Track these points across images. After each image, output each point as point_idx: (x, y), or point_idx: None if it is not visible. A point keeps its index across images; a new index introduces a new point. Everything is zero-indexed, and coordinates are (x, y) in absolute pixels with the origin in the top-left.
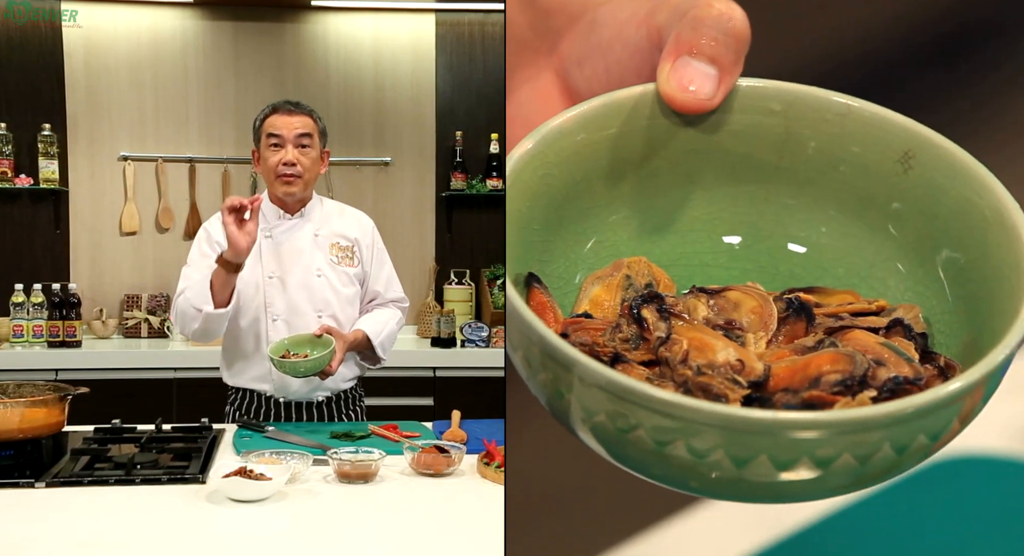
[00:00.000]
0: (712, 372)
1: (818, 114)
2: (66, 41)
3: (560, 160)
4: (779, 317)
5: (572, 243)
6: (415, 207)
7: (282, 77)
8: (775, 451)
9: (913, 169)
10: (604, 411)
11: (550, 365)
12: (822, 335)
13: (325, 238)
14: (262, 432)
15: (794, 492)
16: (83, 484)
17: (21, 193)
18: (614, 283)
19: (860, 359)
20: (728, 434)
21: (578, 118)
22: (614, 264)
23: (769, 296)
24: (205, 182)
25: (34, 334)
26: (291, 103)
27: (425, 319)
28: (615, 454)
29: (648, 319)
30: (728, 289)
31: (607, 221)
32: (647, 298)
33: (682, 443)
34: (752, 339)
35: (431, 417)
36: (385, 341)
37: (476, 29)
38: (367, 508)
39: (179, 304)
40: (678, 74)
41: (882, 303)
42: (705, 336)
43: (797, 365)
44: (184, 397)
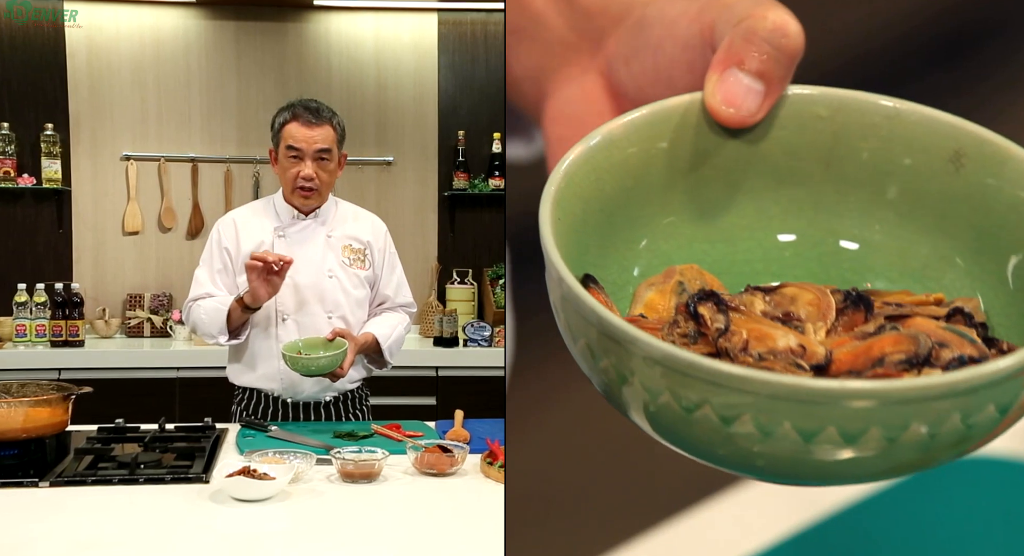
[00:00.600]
0: (774, 358)
1: (865, 118)
2: (69, 41)
3: (611, 166)
4: (837, 308)
5: (624, 250)
6: (417, 206)
7: (284, 76)
8: (843, 422)
9: (965, 167)
10: (669, 390)
11: (613, 348)
12: (882, 321)
13: (338, 240)
14: (265, 432)
15: (861, 470)
16: (87, 483)
17: (24, 193)
18: (667, 289)
19: (924, 339)
20: (795, 406)
21: (628, 126)
22: (666, 271)
23: (826, 289)
24: (207, 181)
25: (37, 333)
26: (311, 110)
27: (427, 319)
28: (679, 437)
29: (705, 315)
30: (784, 285)
31: (658, 228)
32: (704, 296)
33: (749, 418)
34: (811, 329)
35: (434, 416)
36: (393, 346)
37: (478, 28)
38: (370, 508)
39: (193, 314)
40: (724, 88)
41: (940, 296)
42: (763, 326)
43: (859, 349)
44: (186, 396)
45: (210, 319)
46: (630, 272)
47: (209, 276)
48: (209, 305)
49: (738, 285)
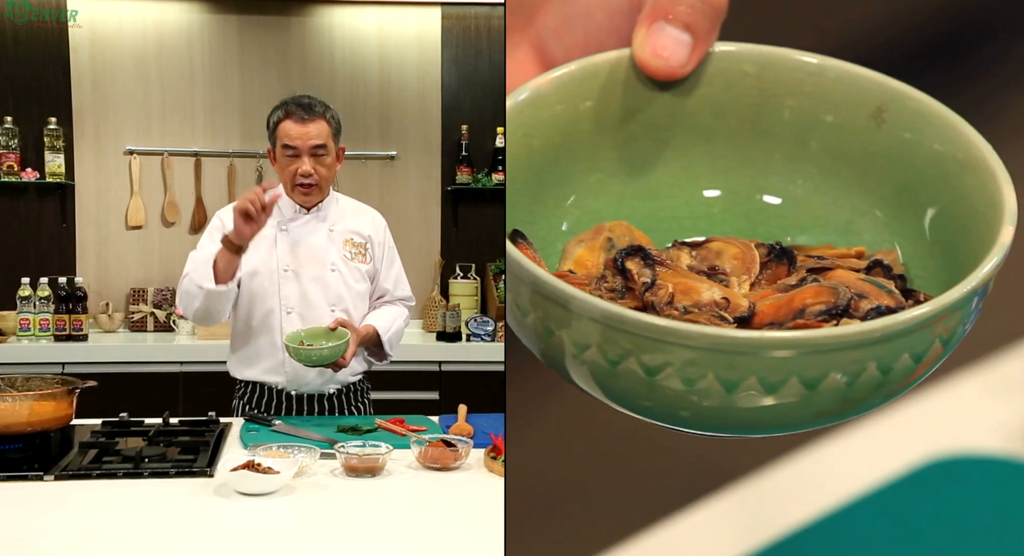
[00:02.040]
0: (698, 311)
1: (791, 74)
2: (72, 35)
3: (539, 122)
4: (761, 262)
5: (553, 206)
6: (420, 201)
7: (287, 71)
8: (764, 372)
9: (886, 123)
10: (595, 343)
11: (540, 303)
12: (804, 274)
13: (339, 234)
14: (269, 426)
15: (783, 418)
16: (91, 477)
17: (27, 187)
18: (596, 245)
19: (843, 290)
20: (718, 356)
21: (555, 82)
22: (596, 228)
23: (751, 243)
24: (211, 176)
25: (40, 328)
26: (303, 106)
27: (431, 313)
28: (606, 389)
29: (632, 269)
30: (710, 240)
31: (587, 184)
32: (631, 251)
33: (673, 370)
34: (736, 282)
35: (437, 411)
36: (393, 338)
37: (482, 23)
38: (374, 502)
39: (183, 284)
40: (652, 40)
41: (861, 249)
42: (689, 280)
43: (781, 301)
44: (190, 391)
45: (197, 272)
46: (559, 228)
47: (204, 257)
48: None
49: (666, 241)
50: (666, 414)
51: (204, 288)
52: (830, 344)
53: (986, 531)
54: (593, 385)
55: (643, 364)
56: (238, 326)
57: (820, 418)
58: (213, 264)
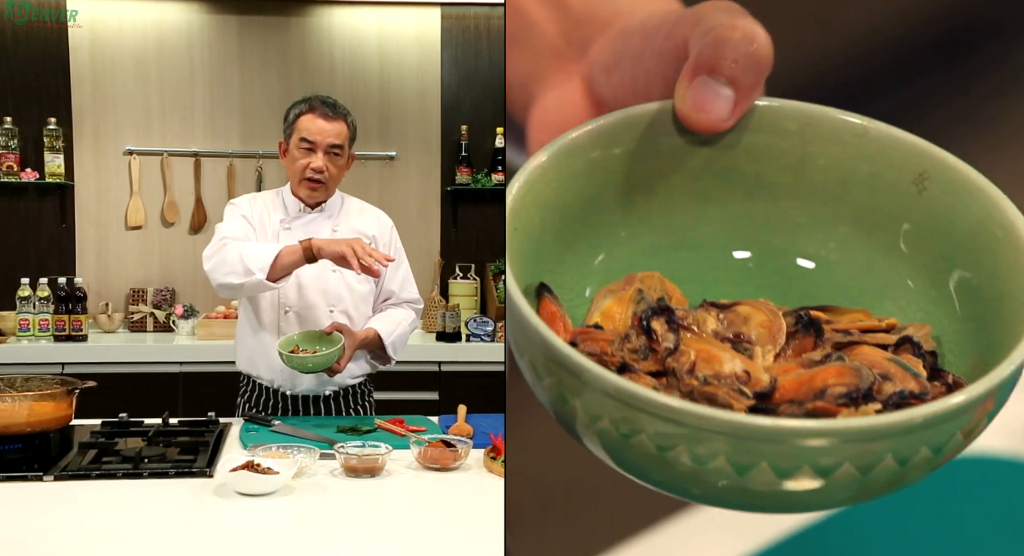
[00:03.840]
0: (718, 382)
1: (834, 134)
2: (72, 35)
3: (574, 174)
4: (788, 332)
5: (584, 256)
6: (420, 201)
7: (287, 71)
8: (776, 459)
9: (928, 190)
10: (608, 416)
11: (555, 370)
12: (830, 349)
13: (343, 234)
14: (269, 426)
15: (796, 502)
16: (91, 478)
17: (27, 187)
18: (626, 297)
19: (866, 373)
20: (730, 441)
21: (594, 133)
22: (627, 278)
23: (779, 311)
24: (210, 176)
25: (40, 328)
26: (328, 104)
27: (430, 314)
28: (618, 459)
29: (657, 330)
30: (738, 304)
31: (620, 235)
32: (657, 310)
33: (684, 449)
34: (760, 352)
35: (436, 411)
36: (397, 341)
37: (482, 23)
38: (374, 502)
39: (229, 251)
40: (695, 94)
41: (892, 321)
42: (712, 348)
43: (803, 378)
44: (189, 391)
45: (253, 253)
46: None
47: (234, 227)
48: (255, 244)
49: (698, 294)
50: (677, 489)
51: (255, 276)
52: (849, 435)
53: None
54: (604, 454)
55: (653, 441)
56: (242, 322)
57: (835, 503)
58: (276, 257)
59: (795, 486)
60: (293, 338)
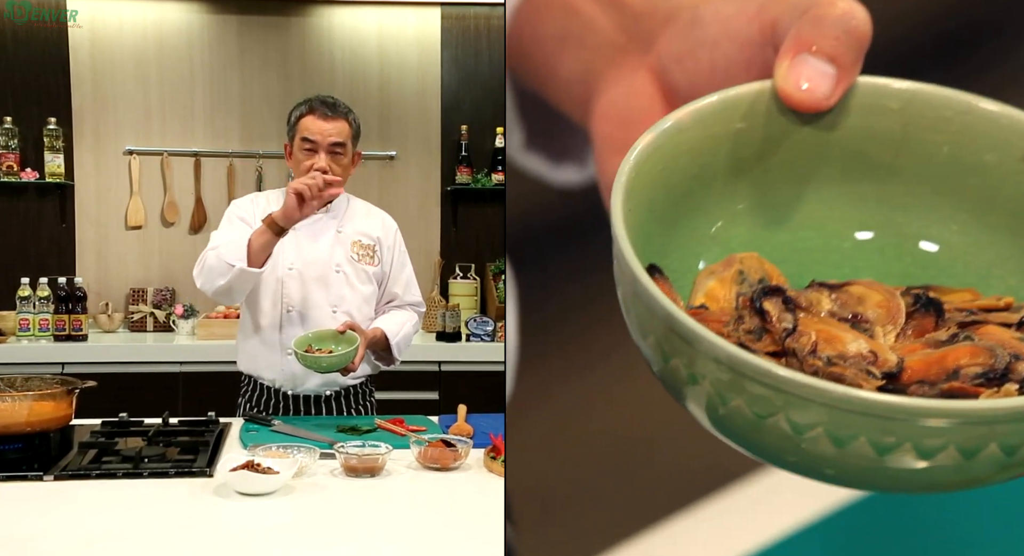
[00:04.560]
0: (844, 363)
1: (937, 112)
2: (72, 35)
3: (679, 154)
4: (907, 312)
5: (688, 238)
6: (420, 201)
7: (287, 71)
8: (920, 439)
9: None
10: (742, 396)
11: (685, 350)
12: (955, 329)
13: (348, 235)
14: (269, 426)
15: (936, 482)
16: (91, 477)
17: (27, 187)
18: (727, 278)
19: (1001, 352)
20: (873, 421)
21: (696, 114)
22: (727, 260)
23: (895, 290)
24: (210, 176)
25: (40, 328)
26: (327, 104)
27: (430, 313)
28: (748, 442)
29: (771, 311)
30: (850, 283)
31: (723, 216)
32: (768, 291)
33: (823, 431)
34: (881, 332)
35: (436, 411)
36: (402, 342)
37: (482, 23)
38: (374, 502)
39: (208, 258)
40: (796, 72)
41: (1009, 300)
42: (832, 328)
43: (932, 358)
44: (189, 391)
45: (228, 250)
46: (693, 260)
47: (227, 234)
48: (227, 242)
49: (796, 275)
50: (810, 470)
51: (235, 267)
52: (996, 417)
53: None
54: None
55: (791, 422)
56: (243, 320)
57: (971, 485)
58: (248, 244)
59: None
60: (308, 337)
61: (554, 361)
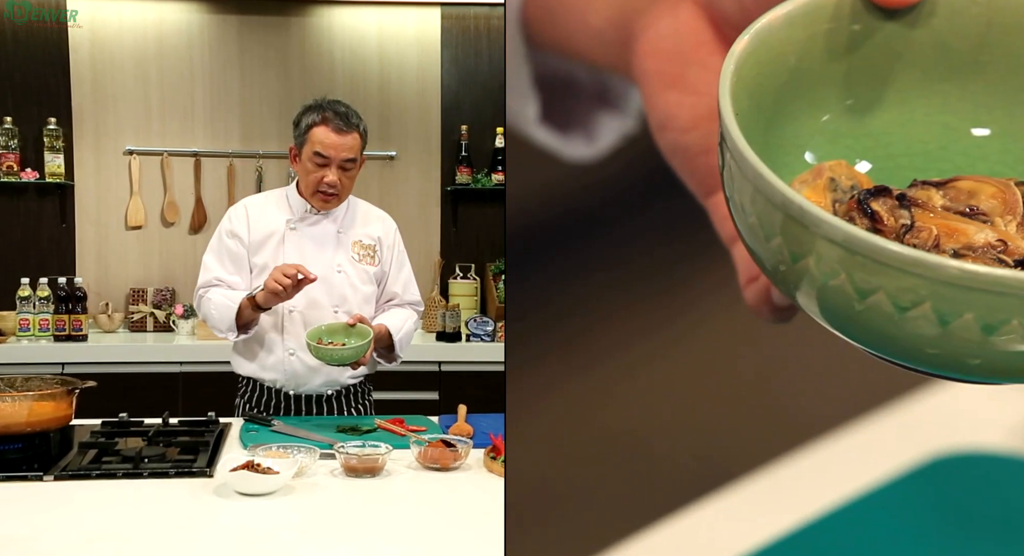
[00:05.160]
0: (973, 254)
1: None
2: (72, 35)
3: (771, 57)
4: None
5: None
6: (420, 201)
7: (287, 71)
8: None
9: None
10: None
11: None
12: None
13: (348, 236)
14: (269, 426)
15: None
16: (91, 477)
17: (27, 187)
18: (820, 186)
19: None
20: (981, 296)
21: (784, 17)
22: (816, 169)
23: (1008, 182)
24: (210, 176)
25: (40, 328)
26: (341, 115)
27: (430, 314)
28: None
29: (880, 212)
30: (957, 179)
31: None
32: (875, 191)
33: (929, 306)
34: (1000, 223)
35: (436, 411)
36: (403, 339)
37: (482, 23)
38: (374, 502)
39: (203, 307)
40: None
41: None
42: (952, 221)
43: None
44: (189, 391)
45: (220, 315)
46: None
47: (218, 261)
48: (219, 301)
49: (887, 181)
50: (910, 352)
51: (228, 336)
52: None
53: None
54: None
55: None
56: None
57: None
58: (236, 315)
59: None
60: (320, 329)
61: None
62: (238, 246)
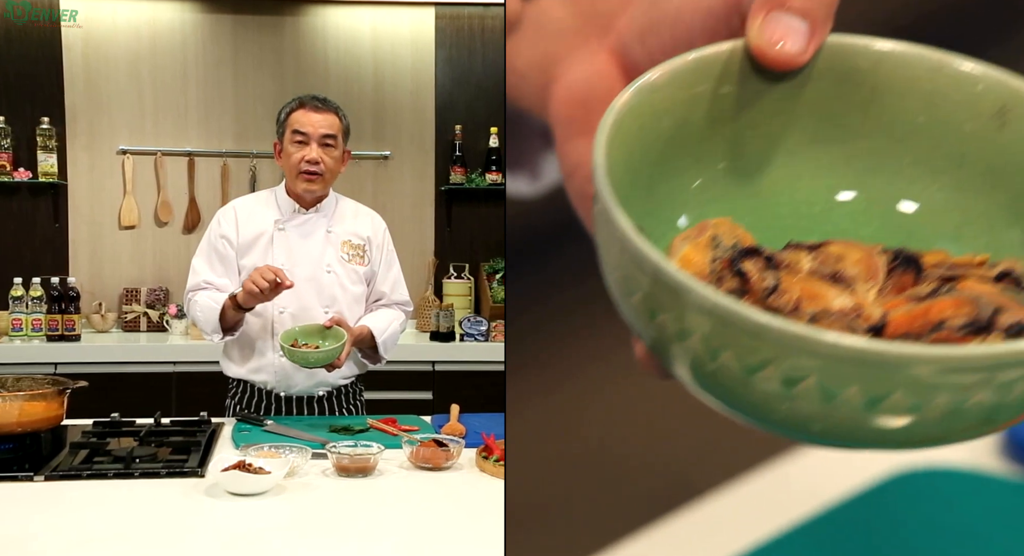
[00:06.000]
0: (829, 318)
1: (908, 71)
2: (65, 34)
3: (654, 114)
4: (886, 269)
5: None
6: (414, 201)
7: (282, 70)
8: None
9: (1008, 124)
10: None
11: (674, 305)
12: (936, 284)
13: (337, 235)
14: (261, 426)
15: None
16: (82, 478)
17: (20, 187)
18: (702, 243)
19: (984, 302)
20: (865, 370)
21: (671, 73)
22: (699, 225)
23: (873, 248)
24: (204, 176)
25: (33, 328)
26: (318, 99)
27: (424, 313)
28: (736, 400)
29: (750, 271)
30: (827, 243)
31: (697, 181)
32: (747, 251)
33: (814, 381)
34: (862, 289)
35: (430, 411)
36: (388, 340)
37: (475, 22)
38: (365, 502)
39: (191, 311)
40: (769, 29)
41: (985, 257)
42: (814, 285)
43: (916, 311)
44: (183, 391)
45: (205, 317)
46: (668, 225)
47: (207, 263)
48: (204, 303)
49: (769, 240)
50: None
51: (213, 338)
52: (988, 363)
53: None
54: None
55: (783, 374)
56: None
57: (954, 438)
58: (221, 312)
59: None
60: (294, 331)
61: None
62: (227, 248)
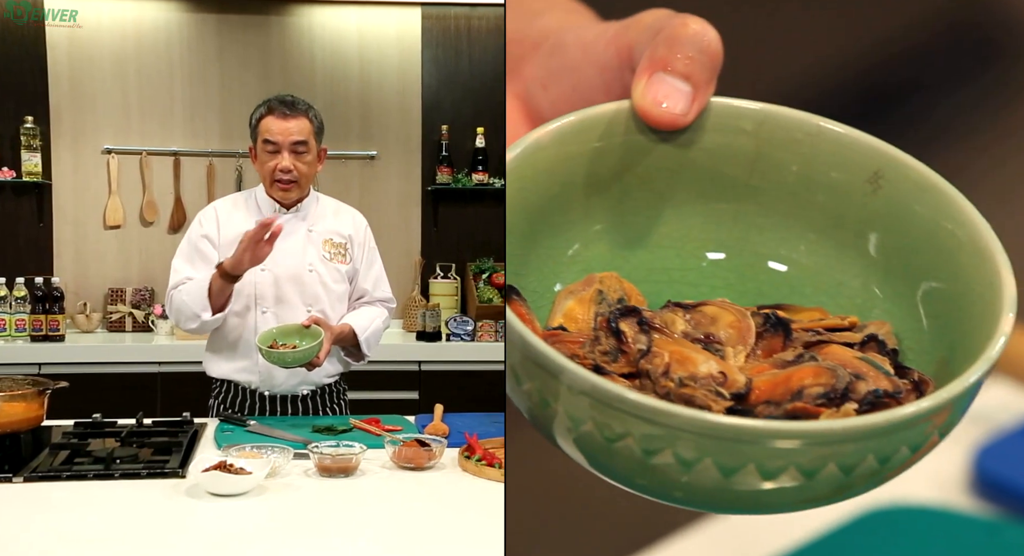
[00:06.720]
0: (695, 384)
1: (788, 134)
2: (49, 33)
3: (536, 174)
4: (756, 332)
5: (546, 257)
6: (401, 201)
7: (267, 70)
8: (762, 460)
9: (882, 189)
10: (592, 420)
11: (538, 374)
12: (801, 349)
13: (319, 234)
14: (244, 426)
15: (777, 502)
16: (62, 479)
17: (4, 186)
18: (587, 297)
19: (842, 372)
20: (718, 443)
21: (554, 133)
22: (586, 279)
23: (746, 311)
24: (190, 175)
25: (17, 328)
26: (286, 103)
27: (410, 313)
28: (600, 464)
29: (627, 332)
30: (704, 304)
31: (581, 236)
32: (624, 312)
33: (670, 452)
34: (731, 353)
35: (416, 411)
36: (370, 338)
37: (462, 23)
38: (347, 502)
39: (175, 301)
40: (653, 90)
41: (854, 319)
42: (685, 349)
43: (778, 378)
44: (168, 391)
45: (192, 298)
46: (551, 280)
47: (188, 263)
48: (190, 286)
49: (656, 294)
50: (660, 493)
51: (201, 318)
52: (833, 437)
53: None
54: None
55: (640, 445)
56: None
57: (812, 503)
58: (207, 290)
59: (778, 486)
60: (272, 332)
61: None
62: (209, 247)
